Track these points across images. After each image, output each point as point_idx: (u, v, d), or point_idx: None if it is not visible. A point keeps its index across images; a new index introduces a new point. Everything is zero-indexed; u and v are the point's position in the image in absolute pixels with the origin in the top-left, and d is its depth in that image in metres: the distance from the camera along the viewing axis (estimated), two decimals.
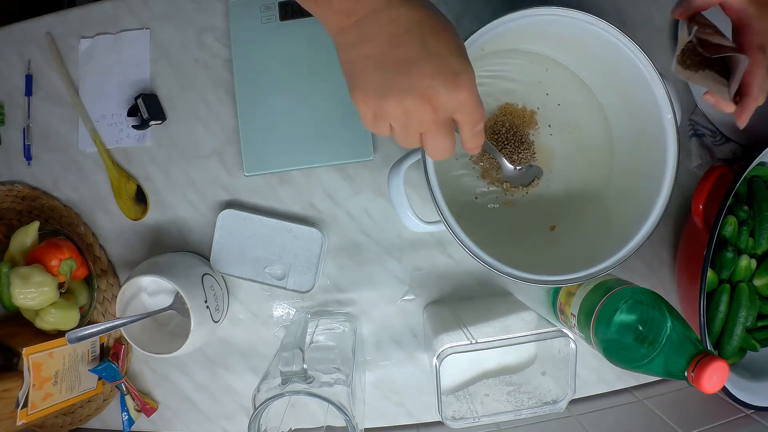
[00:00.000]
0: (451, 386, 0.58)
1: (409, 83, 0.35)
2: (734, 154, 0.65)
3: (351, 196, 0.66)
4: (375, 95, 0.36)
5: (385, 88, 0.35)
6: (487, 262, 0.50)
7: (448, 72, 0.35)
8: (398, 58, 0.34)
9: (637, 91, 0.52)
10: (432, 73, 0.34)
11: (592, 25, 0.50)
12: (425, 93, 0.35)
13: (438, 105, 0.35)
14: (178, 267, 0.61)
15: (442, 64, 0.34)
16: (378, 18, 0.34)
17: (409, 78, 0.34)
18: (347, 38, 0.35)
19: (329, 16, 0.35)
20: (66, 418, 0.68)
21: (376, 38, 0.35)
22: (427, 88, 0.35)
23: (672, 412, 0.62)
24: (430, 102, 0.35)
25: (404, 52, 0.34)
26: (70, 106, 0.68)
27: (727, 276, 0.60)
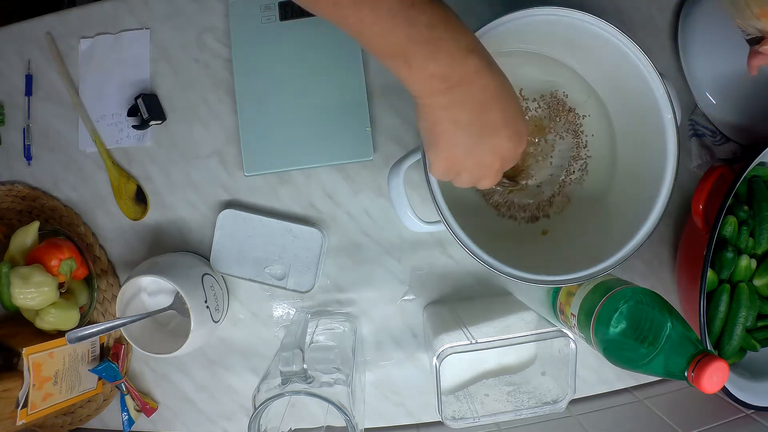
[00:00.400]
0: (451, 386, 0.58)
1: (493, 144, 0.40)
2: (734, 154, 0.65)
3: (351, 196, 0.66)
4: (460, 153, 0.41)
5: (470, 148, 0.40)
6: (487, 262, 0.50)
7: (518, 135, 0.41)
8: (485, 123, 0.39)
9: (637, 91, 0.52)
10: (508, 136, 0.41)
11: (592, 25, 0.50)
12: (500, 150, 0.41)
13: (506, 159, 0.42)
14: (178, 267, 0.62)
15: (515, 128, 0.41)
16: (469, 86, 0.38)
17: (492, 140, 0.40)
18: (438, 101, 0.38)
19: (423, 79, 0.37)
20: (66, 418, 0.68)
21: (466, 104, 0.38)
22: (502, 149, 0.41)
23: (672, 412, 0.62)
24: (501, 157, 0.42)
25: (490, 118, 0.39)
26: (70, 106, 0.68)
27: (727, 276, 0.60)
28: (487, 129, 0.40)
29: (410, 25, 0.36)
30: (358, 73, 0.64)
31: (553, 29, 0.53)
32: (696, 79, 0.64)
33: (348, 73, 0.64)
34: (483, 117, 0.39)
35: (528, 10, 0.49)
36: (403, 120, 0.66)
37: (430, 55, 0.36)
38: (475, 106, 0.39)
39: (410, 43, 0.36)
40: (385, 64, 0.38)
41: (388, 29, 0.36)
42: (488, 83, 0.38)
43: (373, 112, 0.65)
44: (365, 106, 0.64)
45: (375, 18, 0.35)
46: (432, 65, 0.37)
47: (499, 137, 0.40)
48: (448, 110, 0.39)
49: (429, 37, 0.36)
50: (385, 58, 0.38)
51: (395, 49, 0.37)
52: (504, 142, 0.41)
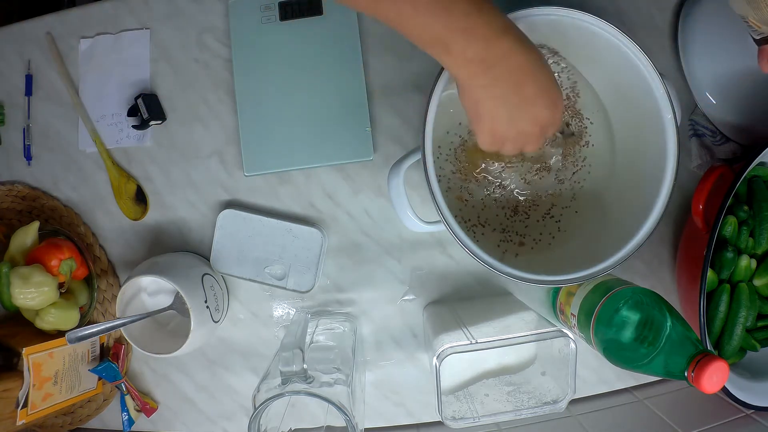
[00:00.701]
0: (451, 386, 0.58)
1: (530, 114, 0.44)
2: (734, 154, 0.65)
3: (351, 196, 0.66)
4: (502, 125, 0.44)
5: (511, 119, 0.44)
6: (487, 262, 0.50)
7: (553, 103, 0.44)
8: (521, 96, 0.43)
9: (637, 91, 0.52)
10: (544, 105, 0.44)
11: (592, 25, 0.50)
12: (539, 119, 0.44)
13: (545, 126, 0.45)
14: (178, 267, 0.62)
15: (550, 97, 0.44)
16: (505, 64, 0.41)
17: (530, 110, 0.44)
18: (478, 81, 0.42)
19: (463, 64, 0.41)
20: (66, 418, 0.68)
21: (504, 81, 0.42)
22: (541, 117, 0.44)
23: (672, 412, 0.62)
24: (540, 125, 0.45)
25: (525, 92, 0.42)
26: (70, 106, 0.68)
27: (727, 276, 0.60)
28: (524, 101, 0.43)
29: (448, 14, 0.38)
30: (358, 73, 0.64)
31: (553, 29, 0.53)
32: (696, 79, 0.64)
33: (348, 73, 0.64)
34: (519, 91, 0.42)
35: (528, 10, 0.49)
36: (403, 120, 0.66)
37: (468, 41, 0.39)
38: (511, 82, 0.42)
39: (448, 32, 0.39)
40: (425, 50, 0.41)
41: (427, 21, 0.38)
42: (522, 60, 0.41)
43: (373, 112, 0.65)
44: (365, 106, 0.64)
45: (414, 11, 0.38)
46: (470, 51, 0.40)
47: (536, 107, 0.43)
48: (488, 89, 0.42)
49: (465, 25, 0.39)
50: (425, 46, 0.41)
51: (435, 38, 0.40)
52: (541, 111, 0.44)
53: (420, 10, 0.38)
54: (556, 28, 0.52)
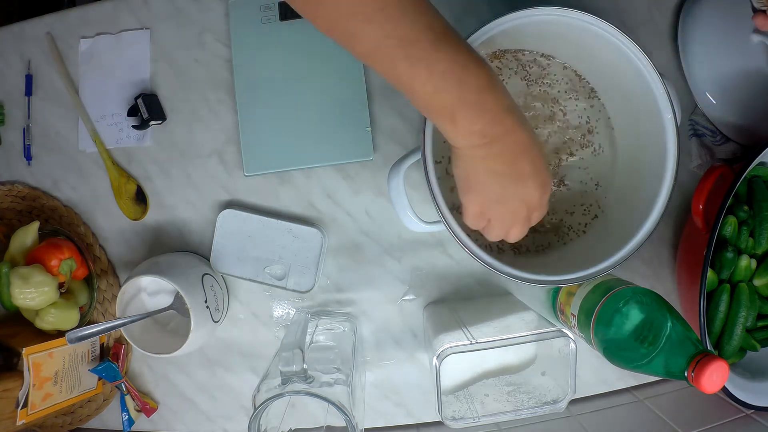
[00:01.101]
0: (451, 386, 0.58)
1: (522, 193, 0.44)
2: (734, 154, 0.65)
3: (351, 196, 0.66)
4: (492, 200, 0.45)
5: (502, 196, 0.44)
6: (487, 262, 0.50)
7: (544, 185, 0.45)
8: (517, 173, 0.43)
9: (637, 91, 0.52)
10: (536, 186, 0.44)
11: (592, 25, 0.50)
12: (528, 199, 0.45)
13: (533, 208, 0.45)
14: (178, 267, 0.62)
15: (542, 178, 0.44)
16: (505, 141, 0.41)
17: (521, 189, 0.44)
18: (477, 153, 0.42)
19: (466, 135, 0.41)
20: (66, 418, 0.68)
21: (501, 156, 0.42)
22: (531, 197, 0.44)
23: (672, 412, 0.62)
24: (528, 206, 0.45)
25: (520, 169, 0.43)
26: (70, 106, 0.68)
27: (727, 276, 0.60)
28: (518, 178, 0.43)
29: (461, 86, 0.38)
30: (358, 73, 0.64)
31: (552, 29, 0.53)
32: (696, 79, 0.64)
33: (348, 73, 0.64)
34: (515, 167, 0.43)
35: (528, 10, 0.49)
36: (403, 120, 0.66)
37: (476, 115, 0.40)
38: (508, 158, 0.42)
39: (459, 104, 0.39)
40: (429, 117, 0.42)
41: (439, 89, 0.38)
42: (521, 138, 0.42)
43: (373, 112, 0.65)
44: (365, 106, 0.64)
45: (428, 77, 0.38)
46: (475, 124, 0.40)
47: (527, 186, 0.44)
48: (485, 161, 0.42)
49: (477, 99, 0.39)
50: (430, 113, 0.41)
51: (444, 107, 0.39)
52: (531, 191, 0.44)
53: (435, 77, 0.38)
54: (556, 28, 0.52)
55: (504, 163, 0.42)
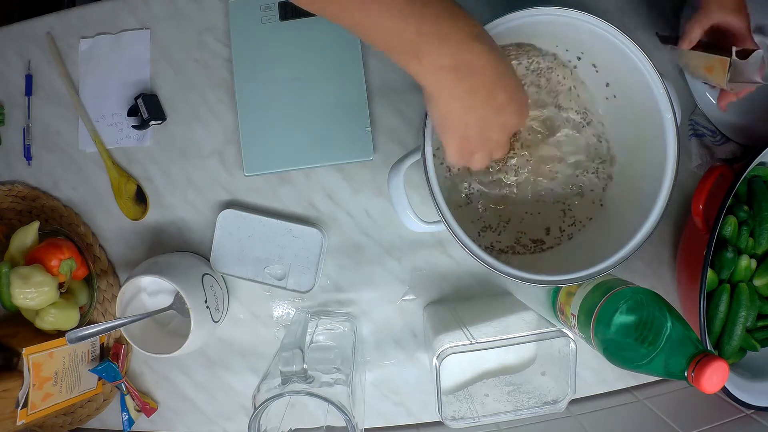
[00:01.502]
0: (451, 386, 0.58)
1: (500, 122, 0.43)
2: (734, 154, 0.65)
3: (351, 196, 0.66)
4: (473, 135, 0.43)
5: (481, 129, 0.43)
6: (487, 262, 0.50)
7: (521, 107, 0.44)
8: (493, 106, 0.42)
9: (637, 91, 0.52)
10: (513, 112, 0.43)
11: (592, 25, 0.50)
12: (508, 126, 0.44)
13: (513, 130, 0.45)
14: (178, 267, 0.62)
15: (519, 102, 0.43)
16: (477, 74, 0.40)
17: (500, 119, 0.43)
18: (449, 91, 0.40)
19: (433, 71, 0.39)
20: (66, 418, 0.68)
21: (475, 92, 0.41)
22: (510, 123, 0.44)
23: (672, 412, 0.62)
24: (508, 131, 0.44)
25: (497, 101, 0.42)
26: (70, 106, 0.68)
27: (727, 276, 0.60)
28: (496, 110, 0.42)
29: (419, 18, 0.37)
30: (358, 73, 0.64)
31: (552, 29, 0.53)
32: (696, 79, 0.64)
33: (348, 73, 0.64)
34: (491, 100, 0.41)
35: (528, 10, 0.49)
36: (403, 120, 0.66)
37: (440, 46, 0.38)
38: (483, 92, 0.41)
39: (419, 36, 0.37)
40: (393, 59, 0.40)
41: (396, 24, 0.37)
42: (494, 69, 0.40)
43: (373, 112, 0.65)
44: (365, 106, 0.64)
45: (384, 15, 0.37)
46: (441, 57, 0.38)
47: (506, 114, 0.43)
48: (460, 99, 0.41)
49: (437, 29, 0.38)
50: (394, 54, 0.39)
51: (405, 44, 0.38)
52: (510, 117, 0.43)
53: (390, 12, 0.37)
54: (556, 27, 0.52)
55: (479, 98, 0.41)
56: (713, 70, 0.55)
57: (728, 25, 0.55)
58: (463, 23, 0.39)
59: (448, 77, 0.39)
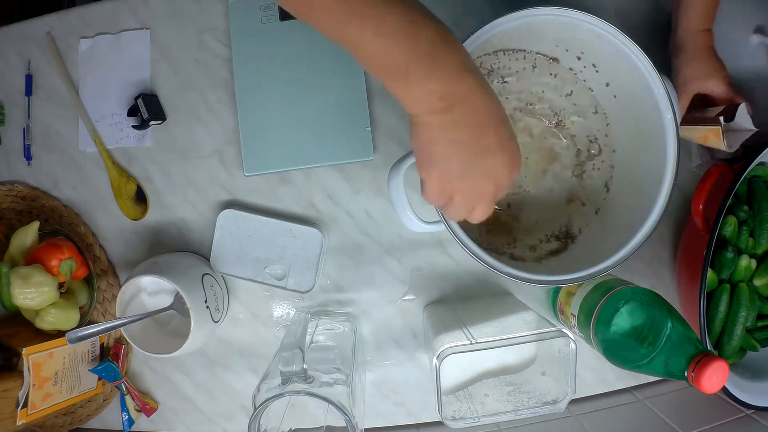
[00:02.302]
0: (451, 386, 0.58)
1: (488, 168, 0.40)
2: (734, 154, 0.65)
3: (351, 196, 0.66)
4: (455, 175, 0.40)
5: (465, 169, 0.40)
6: (487, 262, 0.50)
7: (512, 160, 0.41)
8: (481, 145, 0.39)
9: (637, 91, 0.52)
10: (503, 162, 0.40)
11: (592, 25, 0.50)
12: (494, 175, 0.40)
13: (501, 185, 0.41)
14: (178, 267, 0.62)
15: (509, 152, 0.40)
16: (466, 106, 0.37)
17: (487, 163, 0.40)
18: (435, 120, 0.38)
19: (421, 96, 0.37)
20: (66, 418, 0.68)
21: (463, 126, 0.38)
22: (498, 172, 0.40)
23: (672, 412, 0.62)
24: (494, 182, 0.41)
25: (485, 141, 0.39)
26: (70, 106, 0.68)
27: (727, 276, 0.60)
28: (483, 151, 0.39)
29: (412, 40, 0.36)
30: (358, 73, 0.64)
31: (553, 29, 0.53)
32: None
33: (348, 73, 0.64)
34: (479, 139, 0.39)
35: (528, 10, 0.49)
36: (403, 120, 0.66)
37: (429, 70, 0.36)
38: (472, 127, 0.38)
39: (410, 59, 0.36)
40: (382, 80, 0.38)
41: (389, 44, 0.36)
42: (484, 104, 0.38)
43: (373, 112, 0.65)
44: (365, 106, 0.64)
45: (377, 33, 0.35)
46: (430, 82, 0.36)
47: (493, 160, 0.40)
48: (446, 130, 0.38)
49: (429, 52, 0.36)
50: (382, 74, 0.38)
51: (395, 64, 0.36)
52: (499, 167, 0.40)
53: (384, 32, 0.35)
54: (556, 27, 0.52)
55: (467, 134, 0.38)
56: (708, 140, 0.57)
57: (707, 91, 0.57)
58: (456, 51, 0.37)
59: (435, 104, 0.37)
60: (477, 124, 0.38)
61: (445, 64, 0.37)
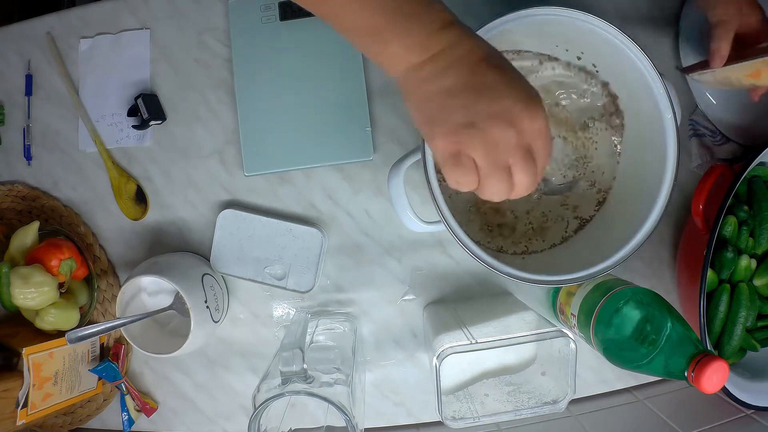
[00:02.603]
0: (451, 386, 0.58)
1: (495, 106, 0.33)
2: (734, 154, 0.65)
3: (351, 196, 0.66)
4: (460, 125, 0.33)
5: (469, 116, 0.33)
6: (487, 262, 0.50)
7: (528, 95, 0.34)
8: (480, 83, 0.33)
9: (637, 91, 0.52)
10: (515, 96, 0.33)
11: (593, 25, 0.50)
12: (510, 117, 0.33)
13: (522, 129, 0.34)
14: (178, 267, 0.62)
15: (522, 87, 0.34)
16: (453, 52, 0.34)
17: (494, 102, 0.33)
18: (421, 74, 0.34)
19: (400, 54, 0.34)
20: (66, 418, 0.68)
21: (455, 69, 0.34)
22: (512, 110, 0.33)
23: (672, 412, 0.62)
24: (514, 126, 0.33)
25: (486, 79, 0.33)
26: (70, 106, 0.68)
27: (727, 276, 0.60)
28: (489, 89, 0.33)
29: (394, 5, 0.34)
30: (358, 73, 0.64)
31: (553, 29, 0.53)
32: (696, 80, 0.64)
33: (348, 72, 0.64)
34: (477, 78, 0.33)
35: (528, 10, 0.49)
36: (403, 120, 0.66)
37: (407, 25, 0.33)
38: (464, 69, 0.34)
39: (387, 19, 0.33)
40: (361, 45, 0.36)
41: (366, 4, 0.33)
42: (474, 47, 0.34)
43: (373, 112, 0.65)
44: (365, 106, 0.64)
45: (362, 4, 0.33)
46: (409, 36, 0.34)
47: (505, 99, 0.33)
48: (435, 80, 0.34)
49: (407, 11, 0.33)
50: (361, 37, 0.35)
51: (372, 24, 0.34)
52: (510, 103, 0.33)
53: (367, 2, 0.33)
54: (556, 28, 0.52)
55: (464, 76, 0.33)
56: (761, 75, 0.53)
57: (748, 26, 0.53)
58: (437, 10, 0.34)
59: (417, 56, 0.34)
60: (473, 64, 0.34)
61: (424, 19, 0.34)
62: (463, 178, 0.35)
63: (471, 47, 0.34)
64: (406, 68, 0.35)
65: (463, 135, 0.34)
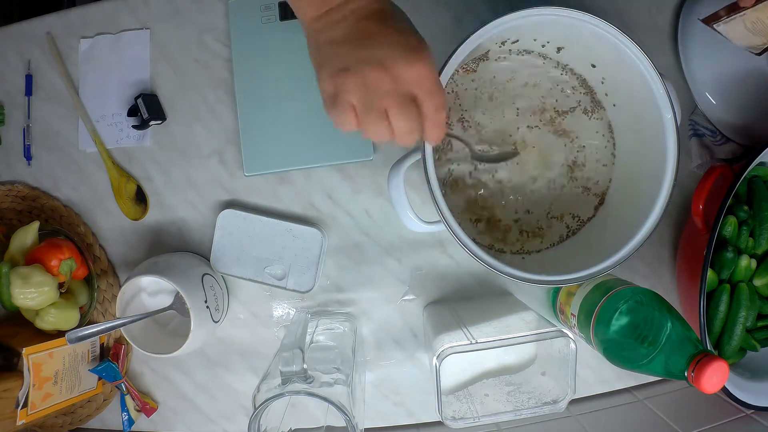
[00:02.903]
0: (451, 386, 0.58)
1: (369, 53, 0.36)
2: (734, 154, 0.65)
3: (351, 196, 0.66)
4: (336, 70, 0.37)
5: (346, 62, 0.37)
6: (487, 262, 0.50)
7: (406, 45, 0.37)
8: (362, 34, 0.37)
9: (637, 91, 0.52)
10: (391, 44, 0.36)
11: (592, 25, 0.50)
12: (384, 62, 0.36)
13: (397, 75, 0.36)
14: (178, 267, 0.62)
15: (401, 37, 0.37)
16: (348, 6, 0.37)
17: (369, 49, 0.36)
18: (317, 25, 0.38)
19: (303, 7, 0.38)
20: (66, 418, 0.68)
21: (343, 22, 0.37)
22: (386, 57, 0.36)
23: (672, 412, 0.62)
24: (388, 71, 0.36)
25: (367, 30, 0.37)
26: (70, 106, 0.68)
27: (727, 276, 0.60)
28: (365, 40, 0.37)
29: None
30: None
31: (552, 30, 0.53)
32: (696, 80, 0.64)
33: None
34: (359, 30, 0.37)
35: (528, 10, 0.49)
36: None
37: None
38: (351, 23, 0.37)
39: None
40: None
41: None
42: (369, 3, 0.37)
43: None
44: None
45: None
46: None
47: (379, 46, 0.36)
48: (326, 31, 0.38)
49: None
50: None
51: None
52: (387, 50, 0.36)
53: None
54: (556, 28, 0.52)
55: (349, 29, 0.37)
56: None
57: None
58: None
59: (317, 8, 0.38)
60: (362, 18, 0.37)
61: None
62: (339, 117, 0.39)
63: (367, 3, 0.37)
64: (309, 20, 0.39)
65: (339, 78, 0.37)
